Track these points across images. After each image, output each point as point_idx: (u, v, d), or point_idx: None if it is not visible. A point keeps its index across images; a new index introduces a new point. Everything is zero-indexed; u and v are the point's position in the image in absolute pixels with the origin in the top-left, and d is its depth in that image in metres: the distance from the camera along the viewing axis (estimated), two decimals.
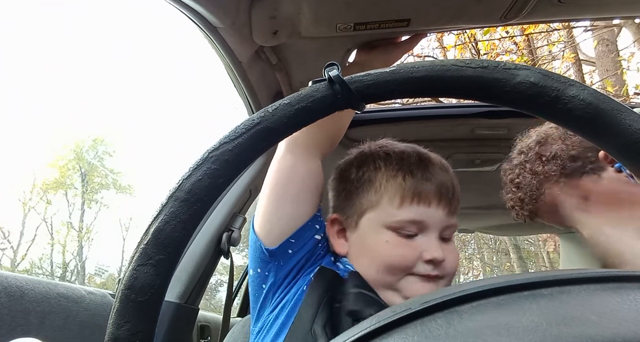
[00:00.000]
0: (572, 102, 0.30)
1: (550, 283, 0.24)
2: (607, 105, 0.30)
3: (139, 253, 0.28)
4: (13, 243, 13.32)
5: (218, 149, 0.30)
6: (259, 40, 0.97)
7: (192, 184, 0.29)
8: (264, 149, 0.31)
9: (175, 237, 0.28)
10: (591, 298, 0.23)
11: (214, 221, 1.28)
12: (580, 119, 0.30)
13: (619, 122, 0.29)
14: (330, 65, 0.32)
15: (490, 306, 0.23)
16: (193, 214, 0.29)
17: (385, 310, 0.25)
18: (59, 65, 20.26)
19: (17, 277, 0.87)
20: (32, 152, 18.35)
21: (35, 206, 14.23)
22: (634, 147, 0.29)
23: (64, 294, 0.96)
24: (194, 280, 1.21)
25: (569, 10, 0.91)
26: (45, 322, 0.88)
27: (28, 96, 18.46)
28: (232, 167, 0.30)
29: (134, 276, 0.27)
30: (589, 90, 0.30)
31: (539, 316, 0.21)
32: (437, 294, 0.25)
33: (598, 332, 0.19)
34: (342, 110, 0.32)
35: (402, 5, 0.83)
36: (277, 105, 0.31)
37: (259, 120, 0.31)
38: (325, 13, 0.90)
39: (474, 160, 1.64)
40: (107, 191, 15.55)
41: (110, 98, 19.46)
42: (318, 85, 0.32)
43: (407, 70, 0.31)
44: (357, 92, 0.31)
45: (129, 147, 19.64)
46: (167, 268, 0.28)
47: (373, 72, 0.32)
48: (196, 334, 1.35)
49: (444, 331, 0.22)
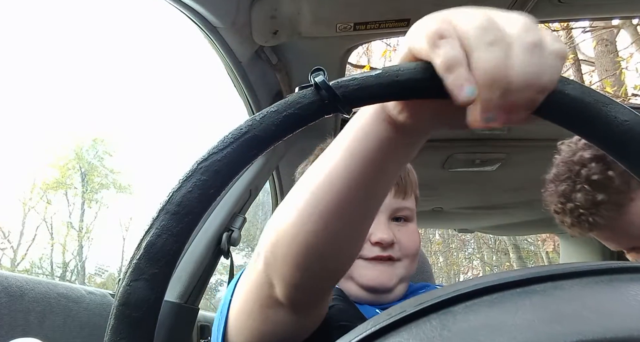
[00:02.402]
0: (557, 96, 0.30)
1: (544, 279, 0.24)
2: (591, 98, 0.30)
3: (131, 268, 0.28)
4: (13, 243, 13.34)
5: (207, 159, 0.30)
6: (259, 40, 0.97)
7: (182, 196, 0.29)
8: (253, 158, 0.31)
9: (168, 251, 0.28)
10: (583, 292, 0.23)
11: (214, 221, 1.28)
12: (566, 113, 0.30)
13: (605, 115, 0.29)
14: (316, 71, 0.32)
15: (484, 304, 0.23)
16: (184, 226, 0.29)
17: (381, 313, 0.26)
18: (58, 65, 20.29)
19: (17, 277, 0.87)
20: (32, 152, 18.39)
21: (35, 205, 14.25)
22: (621, 139, 0.29)
23: (64, 294, 0.96)
24: (194, 280, 1.21)
25: (569, 10, 0.91)
26: (45, 322, 0.88)
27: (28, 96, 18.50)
28: (222, 177, 0.30)
29: (127, 291, 0.27)
30: (572, 85, 0.30)
31: (532, 314, 0.22)
32: (432, 294, 0.25)
33: (589, 328, 0.19)
34: (329, 115, 0.32)
35: (402, 5, 0.83)
36: (264, 113, 0.31)
37: (247, 129, 0.31)
38: (325, 13, 0.91)
39: (474, 160, 1.64)
40: (107, 190, 15.57)
41: (110, 98, 19.49)
42: (305, 92, 0.32)
43: (392, 73, 0.31)
44: (343, 96, 0.31)
45: (129, 147, 19.66)
46: (161, 282, 0.28)
47: (359, 76, 0.32)
48: (196, 334, 1.35)
49: (438, 332, 0.22)
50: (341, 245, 0.47)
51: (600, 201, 0.76)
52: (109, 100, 19.03)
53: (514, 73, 0.29)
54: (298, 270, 0.46)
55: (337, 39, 0.99)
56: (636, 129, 0.29)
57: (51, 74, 20.11)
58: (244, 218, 1.36)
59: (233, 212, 1.33)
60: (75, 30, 23.41)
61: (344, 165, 0.42)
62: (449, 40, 0.30)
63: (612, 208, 0.75)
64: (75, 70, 20.62)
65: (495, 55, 0.29)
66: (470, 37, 0.30)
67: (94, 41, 22.90)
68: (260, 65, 1.08)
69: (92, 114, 19.40)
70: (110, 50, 21.68)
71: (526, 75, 0.29)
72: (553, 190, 0.84)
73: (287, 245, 0.46)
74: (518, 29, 0.30)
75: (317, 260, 0.46)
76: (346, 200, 0.43)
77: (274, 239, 0.47)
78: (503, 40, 0.29)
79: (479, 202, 2.22)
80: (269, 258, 0.48)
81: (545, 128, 1.36)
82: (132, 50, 22.47)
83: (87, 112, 19.61)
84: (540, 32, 0.30)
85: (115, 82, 21.41)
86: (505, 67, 0.29)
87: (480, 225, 2.75)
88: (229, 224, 1.31)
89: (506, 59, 0.29)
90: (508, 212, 2.30)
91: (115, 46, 21.78)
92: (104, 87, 20.26)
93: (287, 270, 0.47)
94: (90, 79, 20.90)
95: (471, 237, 13.31)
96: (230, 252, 1.32)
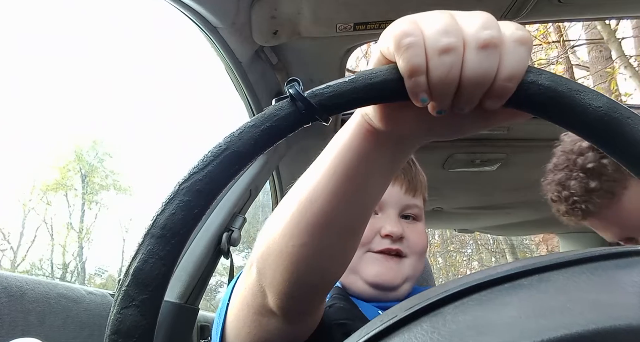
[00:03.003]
0: (531, 88, 0.31)
1: (530, 272, 0.25)
2: (565, 87, 0.30)
3: (121, 296, 0.27)
4: (13, 244, 13.33)
5: (188, 180, 0.30)
6: (259, 40, 0.97)
7: (167, 219, 0.29)
8: (235, 174, 0.31)
9: (156, 275, 0.28)
10: (568, 284, 0.24)
11: (214, 221, 1.28)
12: (542, 103, 0.31)
13: (578, 103, 0.30)
14: (290, 82, 0.32)
15: (473, 303, 0.24)
16: (171, 249, 0.28)
17: (373, 320, 0.26)
18: (58, 65, 20.30)
19: (17, 277, 0.87)
20: (32, 153, 18.39)
21: (35, 207, 14.24)
22: (597, 125, 0.30)
23: (64, 294, 0.96)
24: (194, 280, 1.21)
25: (568, 10, 0.92)
26: (45, 322, 0.88)
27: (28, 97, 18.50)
28: (205, 197, 0.30)
29: (118, 319, 0.27)
30: (545, 75, 0.31)
31: (519, 310, 0.22)
32: (422, 296, 0.25)
33: (573, 320, 0.20)
34: (308, 124, 0.32)
35: (402, 5, 0.83)
36: (242, 128, 0.31)
37: (227, 146, 0.31)
38: (325, 13, 0.91)
39: (474, 161, 1.64)
40: (107, 191, 15.56)
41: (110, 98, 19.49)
42: (281, 104, 0.32)
43: (366, 77, 0.32)
44: (319, 105, 0.31)
45: (129, 148, 19.66)
46: (152, 307, 0.28)
47: (333, 83, 0.32)
48: (196, 334, 1.35)
49: (429, 336, 0.22)
50: (330, 257, 0.47)
51: (592, 188, 0.77)
52: (109, 101, 19.04)
53: (465, 75, 0.31)
54: (288, 281, 0.47)
55: (337, 39, 0.99)
56: (610, 114, 0.29)
57: (51, 74, 20.12)
58: (244, 218, 1.36)
59: (233, 212, 1.33)
60: (75, 31, 23.41)
61: (325, 182, 0.43)
62: (413, 44, 0.31)
63: (604, 195, 0.77)
64: (75, 71, 20.63)
65: (448, 61, 0.31)
66: (430, 44, 0.31)
67: (94, 41, 22.92)
68: (260, 65, 1.08)
69: (93, 114, 19.41)
70: (110, 51, 21.69)
71: (477, 74, 0.31)
72: (551, 179, 0.86)
73: (276, 257, 0.46)
74: (475, 28, 0.31)
75: (306, 272, 0.46)
76: (330, 214, 0.43)
77: (264, 250, 0.48)
78: (457, 44, 0.31)
79: (479, 202, 2.22)
80: (260, 269, 0.49)
81: (545, 128, 1.36)
82: (132, 50, 22.49)
83: (88, 113, 19.63)
84: (498, 26, 0.32)
85: (115, 83, 21.44)
86: (457, 71, 0.31)
87: (480, 225, 2.74)
88: (229, 224, 1.31)
89: (457, 63, 0.31)
90: (508, 212, 2.30)
91: (115, 46, 21.80)
92: (104, 88, 20.27)
93: (278, 281, 0.47)
94: (90, 80, 20.92)
95: (470, 238, 13.32)
96: (230, 253, 1.32)
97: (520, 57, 0.31)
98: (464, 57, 0.31)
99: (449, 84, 0.31)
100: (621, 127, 0.29)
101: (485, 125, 0.38)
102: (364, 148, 0.41)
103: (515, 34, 0.32)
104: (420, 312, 0.24)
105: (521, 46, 0.31)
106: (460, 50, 0.31)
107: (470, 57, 0.31)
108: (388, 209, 0.72)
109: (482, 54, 0.31)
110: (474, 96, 0.32)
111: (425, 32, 0.32)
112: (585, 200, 0.78)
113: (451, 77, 0.31)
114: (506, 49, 0.31)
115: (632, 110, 0.30)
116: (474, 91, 0.32)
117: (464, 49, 0.31)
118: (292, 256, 0.45)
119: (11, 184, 16.56)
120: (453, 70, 0.31)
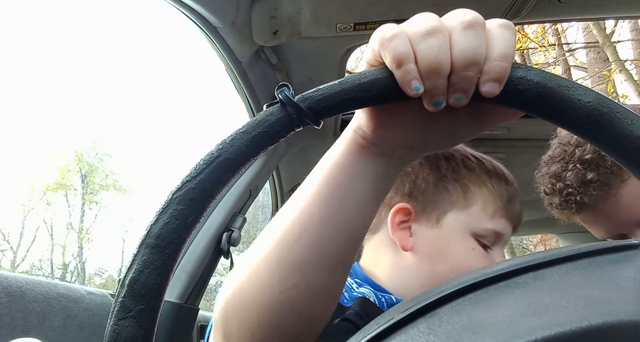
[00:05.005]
0: (520, 83, 0.31)
1: (524, 270, 0.25)
2: (554, 83, 0.30)
3: (117, 307, 0.27)
4: (13, 244, 13.33)
5: (181, 188, 0.30)
6: (259, 40, 0.98)
7: (161, 229, 0.29)
8: (227, 181, 0.31)
9: (152, 285, 0.28)
10: (562, 281, 0.24)
11: (214, 221, 1.28)
12: (532, 99, 0.31)
13: (568, 98, 0.30)
14: (280, 87, 0.32)
15: (468, 303, 0.24)
16: (166, 258, 0.28)
17: (370, 323, 0.26)
18: (58, 66, 20.30)
19: (17, 277, 0.87)
20: (32, 153, 18.39)
21: (35, 207, 14.24)
22: (587, 120, 0.30)
23: (64, 294, 0.96)
24: (194, 280, 1.21)
25: (568, 10, 0.92)
26: (45, 322, 0.88)
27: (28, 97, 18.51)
28: (199, 205, 0.30)
29: (115, 331, 0.27)
30: (534, 71, 0.31)
31: (513, 309, 0.22)
32: (419, 298, 0.25)
33: (566, 318, 0.20)
34: (300, 128, 0.32)
35: (402, 5, 0.83)
36: (234, 135, 0.31)
37: (218, 153, 0.31)
38: (325, 13, 0.91)
39: None
40: (107, 192, 15.56)
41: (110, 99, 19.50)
42: (271, 109, 0.32)
43: (355, 78, 0.32)
44: (310, 109, 0.31)
45: (129, 148, 19.66)
46: (149, 317, 0.28)
47: (322, 87, 0.32)
48: (196, 334, 1.35)
49: (425, 338, 0.22)
50: (320, 299, 0.40)
51: (589, 179, 0.74)
52: (109, 101, 19.04)
53: (455, 55, 0.31)
54: (263, 335, 0.39)
55: (337, 39, 0.99)
56: (600, 109, 0.29)
57: (52, 75, 20.13)
58: (244, 218, 1.36)
59: (233, 212, 1.33)
60: (75, 31, 23.43)
61: (315, 208, 0.38)
62: (395, 35, 0.31)
63: (601, 187, 0.74)
64: (75, 71, 20.63)
65: (434, 42, 0.30)
66: (413, 31, 0.31)
67: (94, 42, 22.93)
68: (260, 65, 1.08)
69: (93, 115, 19.41)
70: (110, 51, 21.70)
71: (467, 53, 0.31)
72: (545, 171, 0.83)
73: (247, 306, 0.39)
74: (457, 14, 0.32)
75: (290, 321, 0.39)
76: (322, 246, 0.38)
77: (230, 298, 0.41)
78: (441, 28, 0.31)
79: None
80: (225, 322, 0.41)
81: (545, 128, 1.35)
82: (132, 50, 22.49)
83: (88, 113, 19.62)
84: (478, 15, 0.32)
85: (115, 83, 21.43)
86: (446, 52, 0.31)
87: None
88: (229, 224, 1.31)
89: (445, 44, 0.31)
90: None
91: (115, 47, 21.81)
92: (104, 88, 20.28)
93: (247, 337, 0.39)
94: (90, 80, 20.92)
95: None
96: (230, 252, 1.32)
97: (508, 38, 0.31)
98: (451, 39, 0.31)
99: (439, 64, 0.30)
100: (610, 122, 0.29)
101: (480, 128, 0.38)
102: (356, 164, 0.38)
103: (499, 21, 0.32)
104: (417, 314, 0.24)
105: (507, 30, 0.32)
106: (445, 32, 0.31)
107: (458, 37, 0.31)
108: (501, 246, 0.70)
109: (470, 33, 0.31)
110: (468, 79, 0.31)
111: (407, 26, 0.32)
112: (581, 192, 0.76)
113: (441, 58, 0.30)
114: (492, 32, 0.31)
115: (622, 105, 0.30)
116: (467, 72, 0.31)
117: (449, 34, 0.31)
118: (273, 304, 0.38)
119: (11, 184, 16.57)
120: (442, 50, 0.30)
